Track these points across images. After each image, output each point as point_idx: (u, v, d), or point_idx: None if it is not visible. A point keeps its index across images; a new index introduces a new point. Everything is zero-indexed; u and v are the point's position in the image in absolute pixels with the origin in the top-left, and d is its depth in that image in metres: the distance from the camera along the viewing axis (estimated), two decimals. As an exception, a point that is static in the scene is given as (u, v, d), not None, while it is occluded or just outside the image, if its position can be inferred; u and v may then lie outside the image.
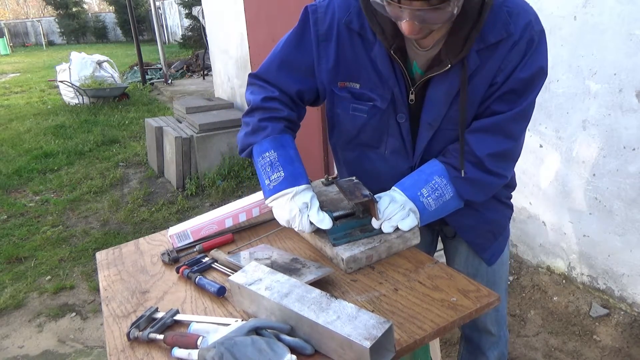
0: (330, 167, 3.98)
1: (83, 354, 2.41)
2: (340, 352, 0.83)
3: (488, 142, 1.12)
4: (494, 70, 1.08)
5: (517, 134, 1.15)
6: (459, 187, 1.17)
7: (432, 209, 1.17)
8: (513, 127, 1.13)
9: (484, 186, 1.18)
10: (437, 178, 1.16)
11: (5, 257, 3.37)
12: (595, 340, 2.18)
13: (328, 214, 1.19)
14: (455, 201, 1.19)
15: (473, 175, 1.15)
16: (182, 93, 9.08)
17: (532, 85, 1.10)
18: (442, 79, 1.11)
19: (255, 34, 4.78)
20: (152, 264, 1.27)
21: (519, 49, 1.06)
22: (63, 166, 5.35)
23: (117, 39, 26.80)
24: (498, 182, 1.18)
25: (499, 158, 1.14)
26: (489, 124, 1.12)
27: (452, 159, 1.16)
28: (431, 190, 1.16)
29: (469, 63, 1.07)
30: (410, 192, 1.16)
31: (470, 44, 1.04)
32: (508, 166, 1.19)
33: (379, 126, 1.21)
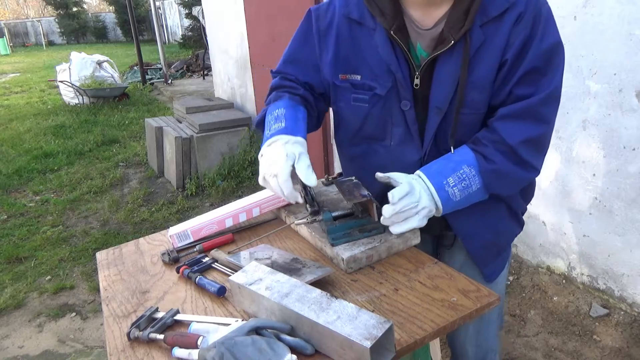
0: (331, 167, 3.98)
1: (83, 354, 2.41)
2: (340, 352, 0.83)
3: (519, 128, 1.04)
4: (502, 46, 1.03)
5: (549, 117, 1.07)
6: (487, 180, 1.09)
7: (456, 199, 1.10)
8: (544, 110, 1.05)
9: (515, 179, 1.11)
10: (466, 167, 1.08)
11: (5, 257, 3.37)
12: (595, 340, 2.18)
13: (327, 214, 1.19)
14: (481, 193, 1.12)
15: (504, 167, 1.07)
16: (182, 93, 9.08)
17: (552, 63, 1.03)
18: (447, 58, 1.06)
19: (255, 34, 4.78)
20: (152, 264, 1.27)
21: (526, 22, 1.01)
22: (63, 166, 5.35)
23: (117, 39, 26.80)
24: (529, 175, 1.10)
25: (532, 146, 1.06)
26: (518, 109, 1.04)
27: (484, 148, 1.08)
28: (458, 180, 1.08)
29: (473, 38, 1.03)
30: (435, 180, 1.09)
31: (472, 17, 1.00)
32: (540, 155, 1.11)
33: (382, 115, 1.17)
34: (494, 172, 1.07)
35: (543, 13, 1.02)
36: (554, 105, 1.07)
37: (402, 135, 1.18)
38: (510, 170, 1.07)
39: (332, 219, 1.19)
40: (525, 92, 1.03)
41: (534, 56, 1.01)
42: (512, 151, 1.05)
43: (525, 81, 1.03)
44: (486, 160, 1.07)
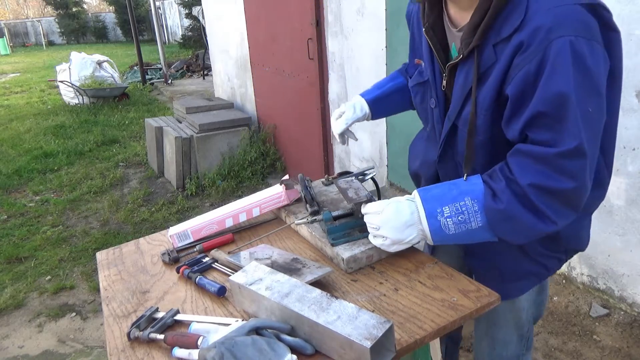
0: (331, 167, 3.99)
1: (83, 354, 2.41)
2: (340, 352, 0.83)
3: (533, 170, 0.91)
4: (502, 73, 0.93)
5: (574, 173, 0.90)
6: (492, 220, 0.96)
7: (450, 232, 0.98)
8: (566, 164, 0.90)
9: (524, 227, 0.95)
10: (469, 200, 0.96)
11: (5, 257, 3.37)
12: (595, 340, 2.18)
13: (327, 214, 1.19)
14: (486, 233, 0.98)
15: (513, 209, 0.93)
16: (182, 93, 9.08)
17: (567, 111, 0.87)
18: (461, 70, 1.00)
19: (255, 34, 4.78)
20: (153, 264, 1.27)
21: (531, 54, 0.87)
22: (63, 166, 5.35)
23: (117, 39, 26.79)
24: (543, 226, 0.94)
25: (548, 195, 0.91)
26: (535, 152, 0.91)
27: (497, 184, 0.96)
28: (455, 211, 0.97)
29: (483, 57, 0.94)
30: (429, 205, 0.99)
31: (480, 34, 0.93)
32: (562, 209, 0.93)
33: (423, 106, 1.20)
34: (500, 213, 0.94)
35: (554, 48, 0.85)
36: (579, 162, 0.90)
37: (431, 131, 1.20)
38: (519, 214, 0.93)
39: (332, 219, 1.19)
40: (542, 138, 0.91)
41: (540, 100, 0.88)
42: (523, 193, 0.92)
43: (537, 125, 0.91)
44: (493, 198, 0.95)
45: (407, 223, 1.02)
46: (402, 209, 1.02)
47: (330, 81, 3.67)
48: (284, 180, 1.43)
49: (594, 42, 0.88)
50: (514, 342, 1.30)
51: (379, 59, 3.04)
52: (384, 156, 3.39)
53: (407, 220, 1.02)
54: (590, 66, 0.87)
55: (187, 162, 4.45)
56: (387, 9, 2.87)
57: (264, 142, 4.82)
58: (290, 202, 1.41)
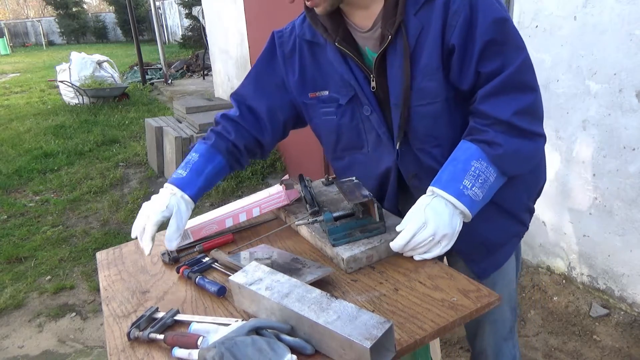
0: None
1: (83, 354, 2.41)
2: (340, 352, 0.83)
3: (506, 102, 1.01)
4: (440, 30, 1.01)
5: (532, 84, 1.03)
6: (500, 165, 1.04)
7: (479, 198, 1.04)
8: (524, 78, 1.01)
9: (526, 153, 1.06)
10: (476, 162, 1.03)
11: (5, 257, 3.37)
12: (595, 340, 2.18)
13: (328, 214, 1.19)
14: (499, 180, 1.07)
15: (509, 144, 1.02)
16: (182, 93, 9.08)
17: (508, 32, 1.00)
18: (393, 54, 1.06)
19: (255, 34, 4.78)
20: (153, 264, 1.27)
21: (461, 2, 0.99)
22: (63, 166, 5.35)
23: (117, 39, 26.80)
24: (536, 144, 1.06)
25: (527, 115, 1.02)
26: (496, 85, 1.01)
27: (484, 135, 1.04)
28: (473, 178, 1.03)
29: (409, 28, 1.03)
30: (452, 189, 1.03)
31: (401, 9, 1.01)
32: (539, 121, 1.06)
33: (353, 124, 1.21)
34: (504, 155, 1.02)
35: None
36: (531, 72, 1.02)
37: (375, 140, 1.20)
38: (517, 146, 1.02)
39: (332, 220, 1.19)
40: (494, 67, 1.00)
41: (484, 30, 0.98)
42: (510, 125, 1.01)
43: (486, 57, 1.00)
44: (490, 146, 1.03)
45: (450, 215, 1.04)
46: (437, 206, 1.04)
47: (330, 81, 3.67)
48: (284, 180, 1.43)
49: None
50: (508, 316, 1.34)
51: (379, 59, 3.04)
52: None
53: (448, 212, 1.04)
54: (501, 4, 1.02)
55: (187, 162, 4.45)
56: (387, 9, 2.87)
57: (264, 142, 4.82)
58: (290, 202, 1.41)
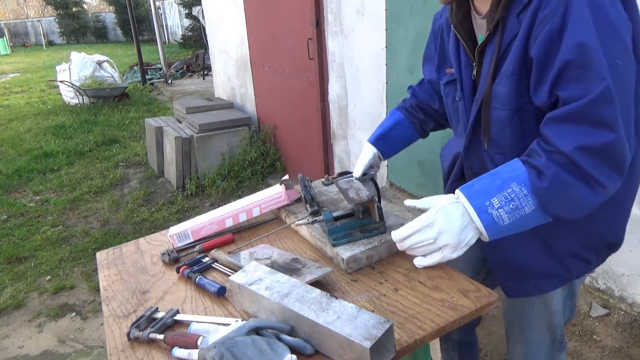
0: (331, 167, 3.99)
1: (83, 354, 2.41)
2: (340, 352, 0.83)
3: (572, 132, 0.88)
4: (525, 36, 0.93)
5: (609, 121, 0.87)
6: (542, 199, 0.92)
7: (504, 223, 0.94)
8: (600, 112, 0.86)
9: (576, 199, 0.91)
10: (515, 186, 0.93)
11: (5, 257, 3.37)
12: (595, 340, 2.18)
13: (328, 214, 1.19)
14: (540, 215, 0.94)
15: (560, 182, 0.89)
16: (182, 93, 9.08)
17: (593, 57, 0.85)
18: (489, 48, 1.02)
19: (255, 34, 4.78)
20: (153, 264, 1.27)
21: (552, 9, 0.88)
22: (63, 166, 5.35)
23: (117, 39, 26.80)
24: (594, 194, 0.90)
25: (594, 155, 0.88)
26: (567, 112, 0.89)
27: (537, 160, 0.92)
28: (505, 200, 0.93)
29: (507, 28, 0.96)
30: (477, 201, 0.95)
31: (503, 5, 0.95)
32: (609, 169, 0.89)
33: (453, 106, 1.21)
34: (548, 190, 0.91)
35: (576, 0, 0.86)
36: (611, 107, 0.86)
37: (462, 127, 1.19)
38: (568, 186, 0.90)
39: (332, 219, 1.19)
40: (572, 94, 0.88)
41: (566, 50, 0.87)
42: (570, 161, 0.88)
43: (565, 80, 0.89)
44: (539, 176, 0.92)
45: (462, 226, 0.97)
46: (452, 212, 0.98)
47: (330, 81, 3.67)
48: (284, 180, 1.43)
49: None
50: (547, 342, 1.27)
51: (379, 59, 3.04)
52: (384, 156, 3.39)
53: (461, 223, 0.97)
54: (613, 18, 0.87)
55: (187, 162, 4.46)
56: (387, 9, 2.87)
57: (264, 142, 4.82)
58: (290, 202, 1.41)
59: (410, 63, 2.79)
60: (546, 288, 1.17)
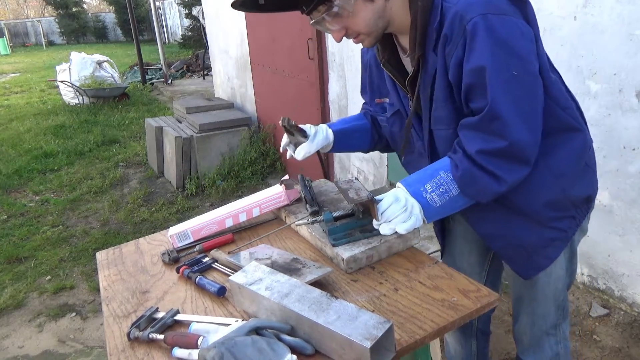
0: (331, 167, 3.99)
1: (83, 354, 2.41)
2: (340, 352, 0.83)
3: (474, 138, 1.08)
4: (442, 66, 1.09)
5: (501, 133, 1.05)
6: (459, 185, 1.12)
7: (436, 205, 1.12)
8: (494, 126, 1.05)
9: (482, 187, 1.11)
10: (443, 173, 1.13)
11: (5, 257, 3.37)
12: (595, 340, 2.18)
13: (328, 214, 1.19)
14: (463, 198, 1.14)
15: (469, 173, 1.09)
16: (182, 93, 9.08)
17: (485, 80, 1.02)
18: (422, 80, 1.15)
19: (255, 34, 4.78)
20: (153, 264, 1.27)
21: (455, 42, 1.04)
22: (63, 166, 5.35)
23: (117, 39, 26.79)
24: (497, 185, 1.09)
25: (494, 157, 1.07)
26: (472, 122, 1.08)
27: (455, 155, 1.13)
28: (435, 185, 1.12)
29: (428, 62, 1.11)
30: (413, 188, 1.13)
31: (417, 45, 1.10)
32: (510, 168, 1.08)
33: (402, 133, 1.31)
34: (461, 178, 1.10)
35: (468, 31, 1.01)
36: (497, 122, 1.04)
37: (418, 149, 1.30)
38: (475, 177, 1.09)
39: (332, 219, 1.19)
40: (478, 106, 1.06)
41: (467, 74, 1.04)
42: (473, 160, 1.08)
43: (472, 97, 1.07)
44: (455, 167, 1.11)
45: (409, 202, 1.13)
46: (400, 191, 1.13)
47: (330, 81, 3.67)
48: (284, 180, 1.43)
49: (503, 15, 1.02)
50: (552, 313, 1.37)
51: (379, 59, 3.04)
52: (383, 156, 3.39)
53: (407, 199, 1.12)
54: (505, 36, 1.01)
55: (187, 162, 4.46)
56: (387, 9, 2.86)
57: (264, 142, 4.82)
58: (290, 202, 1.41)
59: (410, 63, 2.78)
60: (553, 254, 1.26)
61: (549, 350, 1.41)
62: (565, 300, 1.38)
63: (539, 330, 1.39)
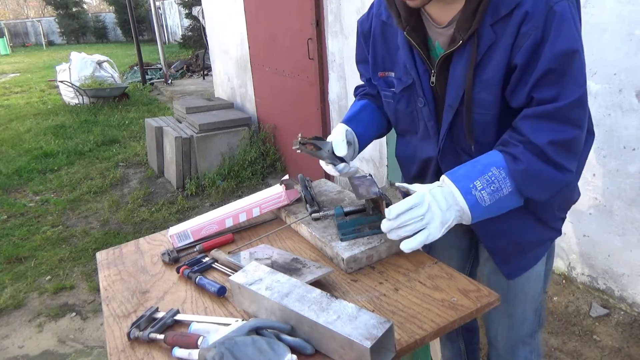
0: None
1: (83, 354, 2.41)
2: (340, 352, 0.83)
3: (545, 129, 1.00)
4: (509, 47, 1.00)
5: (579, 122, 1.01)
6: (519, 182, 1.03)
7: (485, 204, 1.03)
8: (574, 114, 1.00)
9: (547, 181, 1.04)
10: (495, 170, 1.03)
11: (5, 257, 3.37)
12: (595, 340, 2.18)
13: (339, 209, 1.20)
14: (514, 198, 1.05)
15: (535, 166, 1.01)
16: (182, 93, 9.08)
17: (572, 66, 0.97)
18: (459, 57, 1.06)
19: (255, 34, 4.78)
20: (153, 264, 1.27)
21: (536, 22, 0.96)
22: (63, 166, 5.35)
23: (117, 39, 26.79)
24: (562, 176, 1.03)
25: (562, 147, 1.01)
26: (544, 111, 1.00)
27: (513, 148, 1.03)
28: (486, 183, 1.02)
29: (483, 38, 1.02)
30: (462, 184, 1.03)
31: (479, 17, 1.00)
32: (572, 157, 1.04)
33: (408, 111, 1.23)
34: (524, 172, 1.01)
35: (556, 12, 0.95)
36: (583, 111, 1.01)
37: (423, 131, 1.23)
38: (541, 170, 1.01)
39: (343, 214, 1.19)
40: (547, 96, 0.99)
41: (548, 59, 0.97)
42: (542, 152, 1.00)
43: (543, 84, 0.99)
44: (515, 161, 1.02)
45: (447, 206, 1.03)
46: (437, 193, 1.03)
47: (330, 81, 3.67)
48: (284, 180, 1.43)
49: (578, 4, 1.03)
50: (530, 318, 1.34)
51: (379, 59, 3.04)
52: (383, 156, 3.39)
53: (446, 203, 1.03)
54: (579, 25, 1.00)
55: (187, 162, 4.46)
56: (387, 9, 2.87)
57: (264, 142, 4.82)
58: (290, 202, 1.41)
59: (410, 63, 2.78)
60: (541, 253, 1.28)
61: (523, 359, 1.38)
62: (542, 304, 1.36)
63: (516, 336, 1.36)
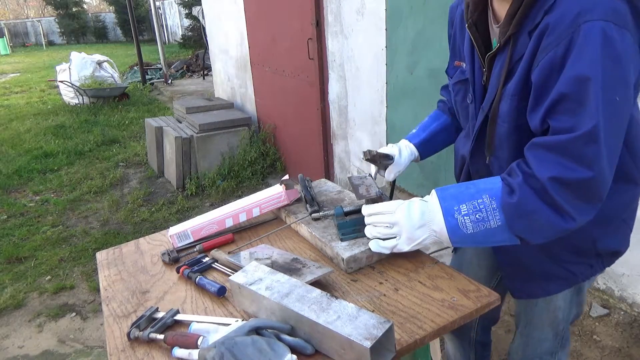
0: (331, 167, 3.99)
1: (83, 354, 2.41)
2: (340, 352, 0.83)
3: (551, 162, 0.88)
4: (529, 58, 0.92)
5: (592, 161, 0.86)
6: (509, 217, 0.92)
7: (468, 231, 0.95)
8: (584, 151, 0.85)
9: (541, 223, 0.91)
10: (486, 198, 0.94)
11: (5, 257, 3.37)
12: (595, 340, 2.18)
13: (339, 209, 1.20)
14: (504, 233, 0.95)
15: (529, 203, 0.90)
16: (182, 93, 9.08)
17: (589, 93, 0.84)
18: (498, 60, 1.00)
19: (255, 34, 4.78)
20: (153, 264, 1.27)
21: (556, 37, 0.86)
22: (63, 166, 5.35)
23: (117, 39, 26.79)
24: (562, 223, 0.90)
25: (567, 188, 0.88)
26: (552, 142, 0.89)
27: (514, 179, 0.93)
28: (473, 209, 0.94)
29: (517, 45, 0.94)
30: (447, 203, 0.97)
31: (516, 21, 0.92)
32: (581, 206, 0.90)
33: (463, 104, 1.19)
34: (516, 207, 0.91)
35: (583, 31, 0.83)
36: (593, 148, 0.85)
37: (467, 128, 1.20)
38: (535, 209, 0.90)
39: (343, 214, 1.19)
40: (563, 125, 0.87)
41: (562, 82, 0.86)
42: (543, 188, 0.88)
43: (558, 111, 0.88)
44: (510, 193, 0.92)
45: (419, 224, 1.00)
46: (413, 208, 1.01)
47: (330, 81, 3.67)
48: (284, 180, 1.43)
49: (624, 30, 0.84)
50: (549, 339, 1.30)
51: (379, 59, 3.04)
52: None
53: (419, 220, 1.00)
54: (621, 53, 0.84)
55: (187, 162, 4.46)
56: (387, 9, 2.87)
57: (264, 142, 4.82)
58: (290, 202, 1.41)
59: (410, 63, 2.79)
60: (553, 290, 1.19)
61: None
62: (566, 330, 1.30)
63: (532, 353, 1.33)
